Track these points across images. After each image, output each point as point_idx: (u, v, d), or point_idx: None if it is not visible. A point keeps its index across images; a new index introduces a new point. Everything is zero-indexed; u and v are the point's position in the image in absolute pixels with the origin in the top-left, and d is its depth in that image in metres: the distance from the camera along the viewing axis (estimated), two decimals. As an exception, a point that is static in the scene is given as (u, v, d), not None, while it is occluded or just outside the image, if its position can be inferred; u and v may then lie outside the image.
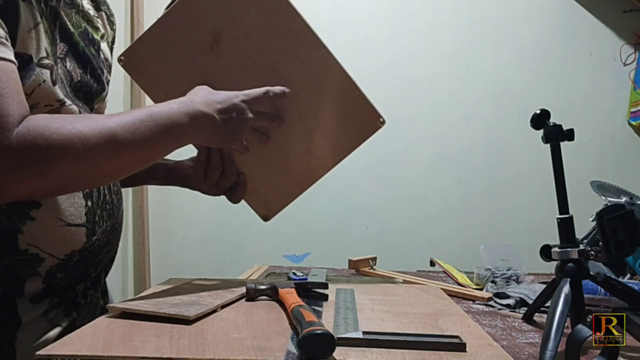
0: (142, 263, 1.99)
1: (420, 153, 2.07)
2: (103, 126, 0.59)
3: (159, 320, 0.59)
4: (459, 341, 0.54)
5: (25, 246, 0.64)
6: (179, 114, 0.65)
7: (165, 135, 0.64)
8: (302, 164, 0.82)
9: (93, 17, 0.79)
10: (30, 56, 0.61)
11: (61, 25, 0.68)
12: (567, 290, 0.63)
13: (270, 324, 0.60)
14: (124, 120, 0.61)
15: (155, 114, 0.64)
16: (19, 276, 0.65)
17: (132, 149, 0.62)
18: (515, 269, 1.06)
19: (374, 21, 2.08)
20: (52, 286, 0.68)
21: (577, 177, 1.18)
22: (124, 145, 0.61)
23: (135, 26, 1.96)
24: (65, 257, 0.68)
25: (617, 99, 2.08)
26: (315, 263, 1.87)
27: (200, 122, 0.67)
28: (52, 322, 0.68)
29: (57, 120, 0.58)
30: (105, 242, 0.75)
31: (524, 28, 2.08)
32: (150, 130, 0.63)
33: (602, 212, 0.66)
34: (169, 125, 0.64)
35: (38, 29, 0.62)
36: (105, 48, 0.82)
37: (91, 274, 0.75)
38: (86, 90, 0.74)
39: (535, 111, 0.72)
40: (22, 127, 0.56)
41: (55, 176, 0.58)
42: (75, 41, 0.71)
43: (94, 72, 0.75)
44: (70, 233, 0.68)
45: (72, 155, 0.58)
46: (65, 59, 0.69)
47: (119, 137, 0.60)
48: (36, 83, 0.61)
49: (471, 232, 2.04)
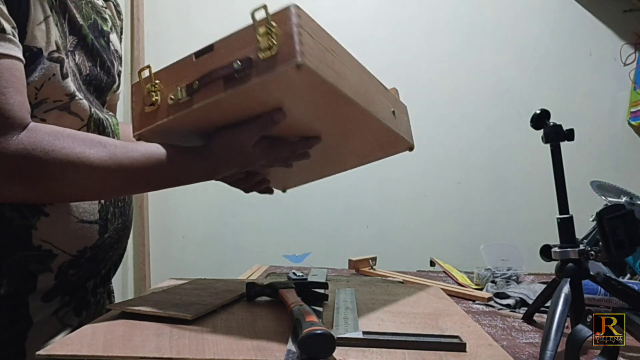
0: (142, 263, 1.98)
1: (420, 153, 2.06)
2: (115, 159, 0.58)
3: (159, 320, 0.59)
4: (459, 341, 0.54)
5: (38, 242, 0.64)
6: (199, 178, 0.65)
7: (176, 184, 0.64)
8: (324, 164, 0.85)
9: (102, 8, 0.78)
10: (41, 49, 0.60)
11: (70, 18, 0.68)
12: (567, 290, 0.63)
13: (270, 324, 0.60)
14: (138, 161, 0.59)
15: (174, 168, 0.62)
16: (31, 272, 0.65)
17: (136, 188, 0.62)
18: (515, 269, 1.06)
19: (374, 21, 2.08)
20: (63, 283, 0.68)
21: (577, 177, 1.18)
22: (130, 183, 0.61)
23: (136, 26, 1.95)
24: (77, 254, 0.68)
25: (617, 99, 2.08)
26: (315, 263, 1.87)
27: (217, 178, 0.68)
28: (62, 322, 0.69)
29: (63, 139, 0.56)
30: (116, 239, 0.75)
31: (524, 28, 2.08)
32: (163, 180, 0.62)
33: (602, 212, 0.65)
34: (184, 180, 0.64)
35: (48, 21, 0.61)
36: (115, 39, 0.81)
37: (101, 270, 0.76)
38: (96, 84, 0.73)
39: (535, 111, 0.72)
40: (25, 137, 0.54)
41: (50, 190, 0.58)
42: (84, 34, 0.70)
43: (103, 64, 0.74)
44: (83, 229, 0.68)
45: (70, 179, 0.57)
46: (75, 52, 0.69)
47: (128, 174, 0.59)
48: (46, 77, 0.61)
49: (471, 232, 2.04)
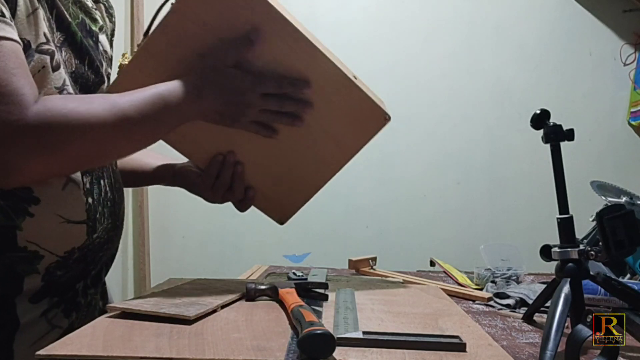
0: (142, 263, 1.99)
1: (420, 153, 2.07)
2: (116, 107, 0.62)
3: (159, 320, 0.59)
4: (459, 341, 0.54)
5: (24, 243, 0.63)
6: (187, 105, 0.67)
7: (172, 117, 0.67)
8: (310, 169, 0.81)
9: (91, 9, 0.78)
10: (29, 42, 0.60)
11: (58, 14, 0.67)
12: (567, 290, 0.63)
13: (270, 324, 0.60)
14: (136, 101, 0.63)
15: (165, 97, 0.66)
16: (18, 274, 0.64)
17: (142, 128, 0.65)
18: (515, 269, 1.06)
19: (374, 21, 2.08)
20: (51, 284, 0.67)
21: (577, 177, 1.18)
22: (135, 125, 0.64)
23: (135, 26, 1.95)
24: (65, 255, 0.67)
25: (617, 99, 2.08)
26: (315, 263, 1.87)
27: (208, 115, 0.70)
28: (51, 323, 0.68)
29: (72, 100, 0.61)
30: (106, 239, 0.74)
31: (524, 28, 2.08)
32: (160, 111, 0.65)
33: (602, 212, 0.65)
34: (177, 110, 0.67)
35: (37, 14, 0.61)
36: (104, 40, 0.81)
37: (91, 271, 0.75)
38: (82, 82, 0.72)
39: (535, 111, 0.72)
40: (40, 105, 0.56)
41: (69, 155, 0.60)
42: (73, 31, 0.70)
43: (92, 63, 0.73)
44: (70, 230, 0.67)
45: (87, 135, 0.59)
46: (62, 49, 0.68)
47: (131, 118, 0.62)
48: (35, 69, 0.61)
49: (471, 232, 2.04)
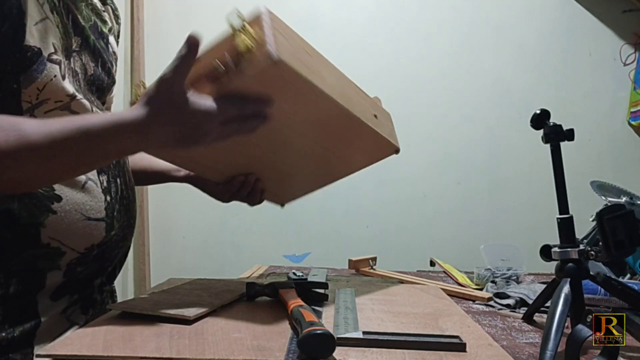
0: (142, 263, 1.98)
1: (420, 153, 2.07)
2: (24, 139, 0.51)
3: (159, 320, 0.59)
4: (459, 341, 0.54)
5: (47, 240, 0.64)
6: (130, 142, 0.55)
7: (102, 157, 0.58)
8: (315, 174, 0.85)
9: (101, 11, 0.79)
10: (40, 49, 0.60)
11: (73, 19, 0.69)
12: (567, 290, 0.63)
13: (270, 324, 0.60)
14: (56, 133, 0.52)
15: (92, 135, 0.53)
16: (40, 270, 0.65)
17: (58, 160, 0.54)
18: (515, 269, 1.06)
19: (374, 21, 2.08)
20: (71, 280, 0.68)
21: (577, 177, 1.18)
22: (43, 156, 0.53)
23: (136, 26, 1.95)
24: (85, 251, 0.68)
25: (617, 99, 2.08)
26: (315, 263, 1.87)
27: (161, 145, 0.57)
28: (70, 320, 0.69)
29: None
30: (121, 236, 0.75)
31: (524, 28, 2.08)
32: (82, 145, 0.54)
33: (602, 212, 0.65)
34: (112, 149, 0.55)
35: (45, 23, 0.62)
36: (113, 41, 0.83)
37: (107, 268, 0.76)
38: (98, 84, 0.74)
39: (535, 111, 0.72)
40: None
41: None
42: (86, 35, 0.71)
43: (104, 65, 0.75)
44: (90, 227, 0.68)
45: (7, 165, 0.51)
46: (81, 53, 0.70)
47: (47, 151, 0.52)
48: (48, 78, 0.61)
49: (471, 232, 2.04)
